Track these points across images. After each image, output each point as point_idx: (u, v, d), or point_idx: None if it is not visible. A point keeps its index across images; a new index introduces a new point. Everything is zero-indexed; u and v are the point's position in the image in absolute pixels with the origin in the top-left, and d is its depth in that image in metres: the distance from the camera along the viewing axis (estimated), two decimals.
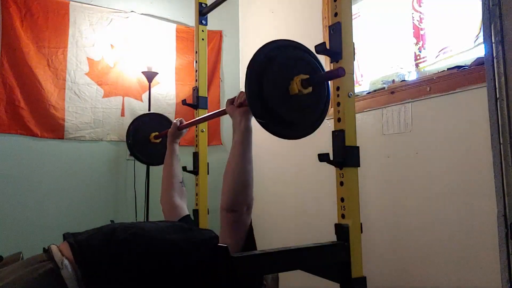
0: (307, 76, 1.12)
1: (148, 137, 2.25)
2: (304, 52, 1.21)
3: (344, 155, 1.16)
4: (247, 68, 1.12)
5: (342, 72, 1.07)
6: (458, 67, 1.90)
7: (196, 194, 2.07)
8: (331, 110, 1.23)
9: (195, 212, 2.06)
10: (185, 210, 1.81)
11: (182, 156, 3.09)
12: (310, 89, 1.12)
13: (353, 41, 1.21)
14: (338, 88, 1.18)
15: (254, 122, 1.21)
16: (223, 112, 1.50)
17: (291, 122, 1.16)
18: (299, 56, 1.18)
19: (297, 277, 1.07)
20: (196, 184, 2.09)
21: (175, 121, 1.97)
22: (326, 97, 1.23)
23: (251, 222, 1.25)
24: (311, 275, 1.17)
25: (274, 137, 1.16)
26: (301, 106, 1.14)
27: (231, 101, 1.36)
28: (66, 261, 1.09)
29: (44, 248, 1.18)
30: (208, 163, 2.12)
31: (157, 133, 2.23)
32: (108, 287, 1.09)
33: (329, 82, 1.23)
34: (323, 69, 1.22)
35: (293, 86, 1.11)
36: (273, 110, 1.11)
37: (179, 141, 2.00)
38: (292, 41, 1.21)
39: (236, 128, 1.27)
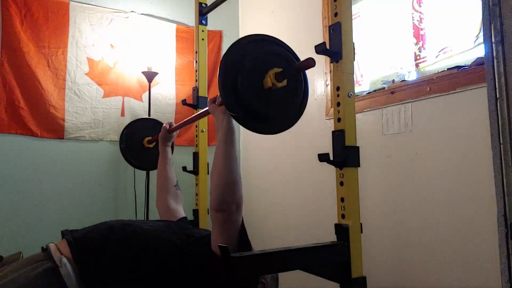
0: (281, 70, 1.11)
1: (142, 142, 2.24)
2: (280, 46, 1.20)
3: (344, 155, 1.16)
4: (221, 62, 1.13)
5: (312, 63, 1.08)
6: (458, 67, 1.90)
7: (196, 194, 2.07)
8: (331, 110, 1.23)
9: (195, 212, 2.06)
10: (181, 213, 1.79)
11: (182, 156, 3.10)
12: (284, 82, 1.12)
13: (353, 41, 1.20)
14: (338, 88, 1.18)
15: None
16: (207, 112, 1.48)
17: (266, 116, 1.15)
18: (274, 50, 1.17)
19: (297, 277, 1.07)
20: (196, 184, 2.09)
21: (164, 125, 1.97)
22: (304, 90, 1.23)
23: (242, 220, 1.23)
24: (311, 275, 1.17)
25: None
26: (276, 100, 1.13)
27: (213, 100, 1.35)
28: (64, 259, 1.09)
29: (42, 247, 1.19)
30: (208, 163, 2.12)
31: (150, 137, 2.22)
32: (106, 285, 1.09)
33: (307, 73, 1.24)
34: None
35: (267, 79, 1.10)
36: (247, 104, 1.10)
37: (170, 144, 2.00)
38: (269, 36, 1.21)
39: (219, 127, 1.26)
